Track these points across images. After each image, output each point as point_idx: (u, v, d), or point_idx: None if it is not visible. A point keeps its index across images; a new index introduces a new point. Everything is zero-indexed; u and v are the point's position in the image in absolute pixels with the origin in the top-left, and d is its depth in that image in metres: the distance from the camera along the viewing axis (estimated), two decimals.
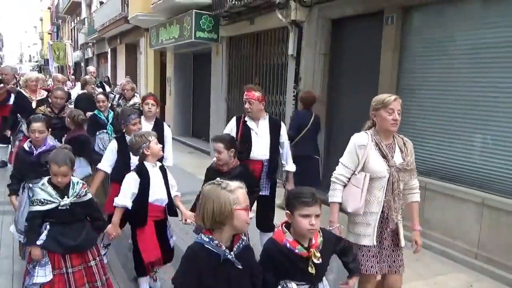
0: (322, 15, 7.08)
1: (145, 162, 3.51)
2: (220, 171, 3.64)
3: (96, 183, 4.10)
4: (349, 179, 3.07)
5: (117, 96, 8.41)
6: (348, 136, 3.20)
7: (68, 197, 3.07)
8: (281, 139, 4.39)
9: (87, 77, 9.28)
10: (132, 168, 3.69)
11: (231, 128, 4.36)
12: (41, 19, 56.36)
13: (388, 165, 2.98)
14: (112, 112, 5.99)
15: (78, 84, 9.79)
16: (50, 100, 6.07)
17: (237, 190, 2.08)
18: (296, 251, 2.29)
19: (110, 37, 21.08)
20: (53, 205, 3.04)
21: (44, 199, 3.03)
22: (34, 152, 3.88)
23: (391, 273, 3.09)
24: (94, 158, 4.81)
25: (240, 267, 2.09)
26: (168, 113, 14.27)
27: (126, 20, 15.69)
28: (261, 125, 4.30)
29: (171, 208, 3.67)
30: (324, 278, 2.48)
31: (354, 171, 3.04)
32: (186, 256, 2.11)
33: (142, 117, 4.80)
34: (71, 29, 34.92)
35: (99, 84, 10.78)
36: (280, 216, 4.26)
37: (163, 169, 3.66)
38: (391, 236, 3.08)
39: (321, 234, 2.39)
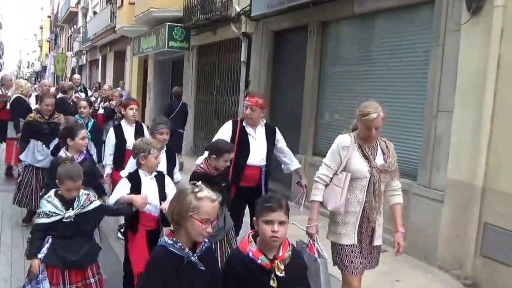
0: (266, 27, 8.29)
1: (139, 170, 3.46)
2: (210, 176, 3.52)
3: None
4: (331, 179, 3.15)
5: (99, 99, 9.40)
6: (290, 131, 3.89)
7: (73, 209, 3.02)
8: (279, 144, 4.40)
9: (67, 83, 10.48)
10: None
11: (225, 132, 4.25)
12: (41, 28, 57.79)
13: (369, 166, 3.05)
14: (92, 120, 6.13)
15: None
16: (39, 106, 6.02)
17: (204, 200, 2.06)
18: (258, 261, 2.14)
19: (101, 45, 22.33)
20: (58, 217, 2.98)
21: (49, 211, 2.97)
22: (76, 161, 3.77)
23: (363, 271, 3.18)
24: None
25: (202, 268, 2.09)
26: (147, 116, 15.43)
27: (114, 30, 16.93)
28: (258, 131, 4.27)
29: (165, 218, 3.34)
30: None
31: (336, 171, 3.12)
32: (151, 259, 2.13)
33: (124, 120, 5.23)
34: (68, 37, 36.19)
35: (82, 90, 11.86)
36: None
37: (160, 178, 3.54)
38: (370, 236, 3.15)
39: (290, 248, 2.24)
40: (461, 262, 4.51)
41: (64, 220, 2.97)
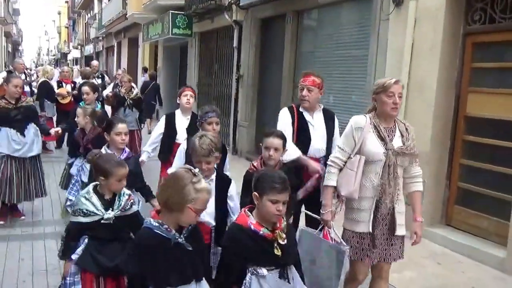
0: (254, 16, 9.38)
1: None
2: None
3: None
4: (346, 162, 2.99)
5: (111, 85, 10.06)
6: (271, 107, 4.15)
7: (112, 210, 2.74)
8: (334, 134, 3.86)
9: (88, 69, 11.53)
10: None
11: (285, 120, 3.80)
12: (59, 13, 59.33)
13: (385, 148, 2.88)
14: (100, 106, 5.84)
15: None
16: (7, 89, 5.15)
17: (202, 192, 2.10)
18: (261, 232, 2.26)
19: (116, 32, 23.56)
20: (96, 218, 2.70)
21: (87, 210, 2.70)
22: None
23: (381, 261, 2.99)
24: None
25: (190, 248, 2.12)
26: None
27: (126, 17, 18.08)
28: (316, 117, 3.82)
29: (219, 233, 2.89)
30: (292, 266, 2.39)
31: (350, 154, 2.96)
32: (136, 243, 2.14)
33: (178, 110, 4.60)
34: (85, 24, 37.48)
35: (99, 76, 12.72)
36: None
37: (221, 182, 3.01)
38: (388, 224, 2.95)
39: (285, 219, 2.36)
40: None
41: (102, 221, 2.71)
